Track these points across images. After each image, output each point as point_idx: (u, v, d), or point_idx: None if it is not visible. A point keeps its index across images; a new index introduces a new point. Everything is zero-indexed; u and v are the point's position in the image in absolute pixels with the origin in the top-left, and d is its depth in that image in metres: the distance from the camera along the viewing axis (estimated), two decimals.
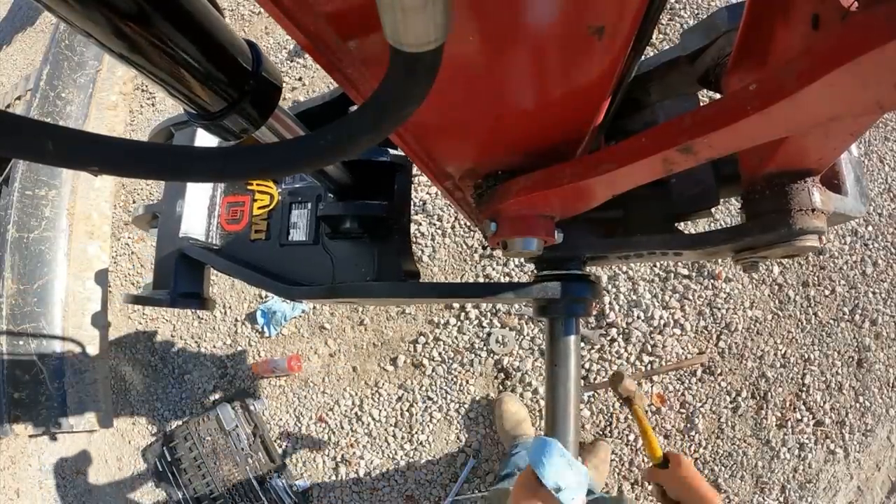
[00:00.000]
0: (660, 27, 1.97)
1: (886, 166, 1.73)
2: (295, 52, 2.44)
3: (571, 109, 0.51)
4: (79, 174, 2.43)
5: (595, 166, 0.50)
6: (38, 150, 0.30)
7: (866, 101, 0.34)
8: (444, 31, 0.27)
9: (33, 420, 2.12)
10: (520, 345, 1.82)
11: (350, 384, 1.97)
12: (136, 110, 2.73)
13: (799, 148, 0.52)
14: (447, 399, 1.84)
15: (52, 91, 2.52)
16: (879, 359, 1.61)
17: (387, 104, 0.32)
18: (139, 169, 0.34)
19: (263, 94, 0.52)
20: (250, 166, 0.36)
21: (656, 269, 1.78)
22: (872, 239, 1.68)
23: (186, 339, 2.23)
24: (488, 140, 0.57)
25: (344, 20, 0.38)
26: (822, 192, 0.56)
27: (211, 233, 1.04)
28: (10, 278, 2.20)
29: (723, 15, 0.61)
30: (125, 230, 2.50)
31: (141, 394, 2.24)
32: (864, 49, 0.29)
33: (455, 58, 0.35)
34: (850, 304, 1.65)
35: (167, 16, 0.39)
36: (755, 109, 0.36)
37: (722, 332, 1.70)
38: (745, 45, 0.55)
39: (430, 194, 2.04)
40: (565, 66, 0.43)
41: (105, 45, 0.38)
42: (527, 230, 0.61)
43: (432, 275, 1.96)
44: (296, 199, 1.02)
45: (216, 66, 0.46)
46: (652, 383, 1.71)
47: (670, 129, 0.44)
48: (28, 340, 2.17)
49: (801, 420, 1.60)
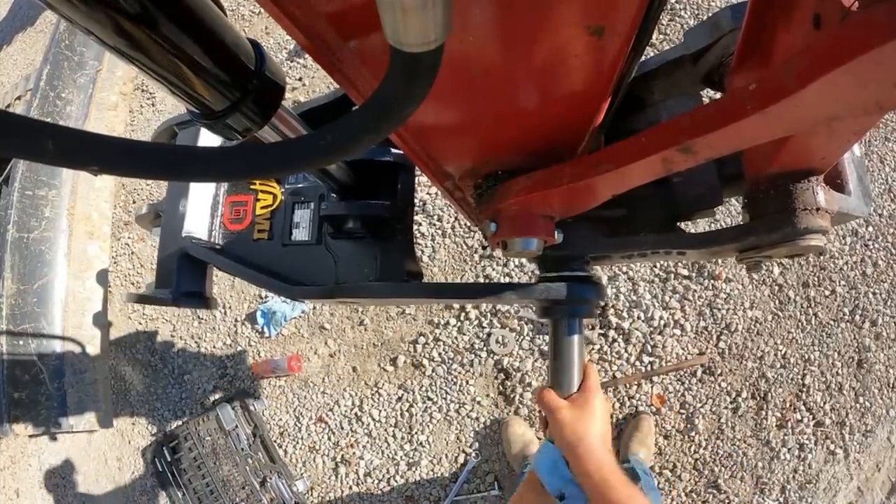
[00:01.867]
0: (660, 27, 1.97)
1: (887, 167, 1.73)
2: (295, 52, 2.44)
3: (571, 110, 0.51)
4: (79, 174, 2.43)
5: (595, 166, 0.50)
6: (38, 150, 0.30)
7: (866, 101, 0.34)
8: (444, 31, 0.27)
9: (33, 420, 2.11)
10: (520, 345, 1.82)
11: (350, 384, 1.97)
12: (136, 110, 2.73)
13: (802, 147, 0.52)
14: (447, 399, 1.84)
15: (52, 91, 2.52)
16: (879, 359, 1.61)
17: (387, 104, 0.32)
18: (139, 169, 0.34)
19: (266, 94, 0.52)
20: (251, 166, 0.36)
21: (656, 269, 1.78)
22: (873, 239, 1.68)
23: (186, 339, 2.23)
24: (488, 140, 0.57)
25: (344, 20, 0.38)
26: (826, 192, 0.56)
27: (214, 232, 1.04)
28: (10, 278, 2.20)
29: (726, 14, 0.61)
30: (125, 230, 2.50)
31: (141, 394, 2.24)
32: (864, 49, 0.29)
33: (455, 58, 0.35)
34: (850, 304, 1.65)
35: (171, 14, 0.39)
36: (755, 109, 0.36)
37: (722, 332, 1.70)
38: (748, 45, 0.55)
39: (430, 194, 2.04)
40: (565, 66, 0.43)
41: (107, 43, 0.38)
42: (527, 230, 0.61)
43: (432, 275, 1.96)
44: (299, 198, 1.02)
45: (219, 65, 0.46)
46: (652, 384, 1.71)
47: (670, 129, 0.44)
48: (28, 340, 2.17)
49: (801, 420, 1.60)
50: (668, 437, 1.67)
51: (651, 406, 1.69)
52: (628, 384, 1.72)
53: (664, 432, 1.67)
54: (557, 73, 0.44)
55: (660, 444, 1.67)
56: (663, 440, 1.67)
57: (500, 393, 1.82)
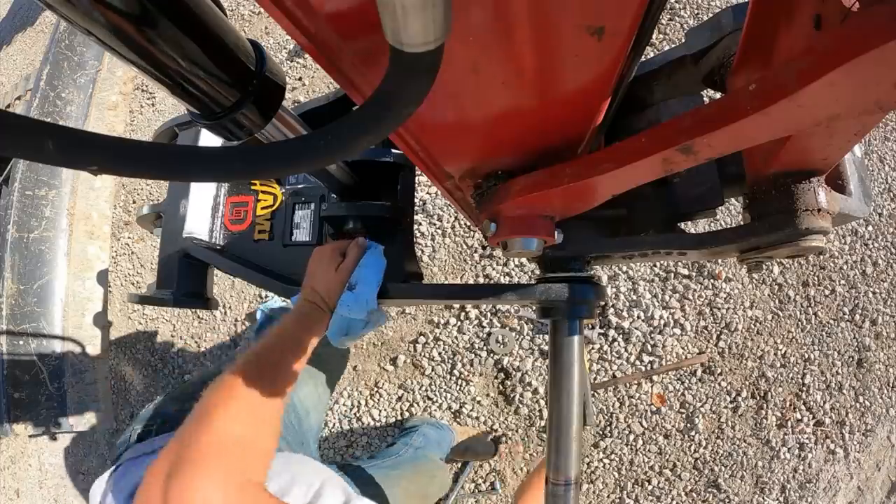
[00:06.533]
0: (660, 27, 1.97)
1: (886, 166, 1.73)
2: (295, 52, 2.44)
3: (571, 110, 0.51)
4: (79, 174, 2.43)
5: (595, 166, 0.50)
6: (38, 150, 0.30)
7: (866, 101, 0.34)
8: (444, 31, 0.27)
9: (33, 420, 2.11)
10: (520, 345, 1.82)
11: (350, 384, 1.97)
12: (136, 110, 2.73)
13: (804, 147, 0.52)
14: (447, 399, 1.84)
15: (52, 91, 2.52)
16: (879, 359, 1.61)
17: (387, 104, 0.32)
18: (139, 168, 0.34)
19: (267, 94, 0.52)
20: (251, 166, 0.36)
21: (656, 269, 1.78)
22: (872, 239, 1.68)
23: (186, 339, 2.23)
24: (488, 140, 0.57)
25: (344, 20, 0.38)
26: (827, 193, 0.56)
27: (214, 233, 1.04)
28: (10, 278, 2.20)
29: (728, 15, 0.61)
30: (125, 230, 2.50)
31: (141, 394, 2.24)
32: (864, 49, 0.29)
33: (455, 58, 0.35)
34: (850, 303, 1.65)
35: (171, 15, 0.39)
36: (755, 109, 0.36)
37: (722, 331, 1.70)
38: (749, 46, 0.55)
39: (430, 194, 2.04)
40: (565, 66, 0.43)
41: (107, 43, 0.38)
42: (527, 230, 0.61)
43: (432, 275, 1.96)
44: (299, 199, 1.02)
45: (220, 66, 0.46)
46: (652, 383, 1.71)
47: (670, 129, 0.43)
48: (28, 340, 2.17)
49: (801, 420, 1.60)
50: (668, 436, 1.67)
51: (651, 405, 1.69)
52: (628, 384, 1.72)
53: (664, 432, 1.68)
54: (557, 74, 0.44)
55: (660, 443, 1.67)
56: (663, 439, 1.67)
57: (500, 393, 1.82)
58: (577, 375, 0.74)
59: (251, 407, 0.60)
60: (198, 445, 0.53)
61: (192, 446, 0.53)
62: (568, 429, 0.74)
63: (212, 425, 0.55)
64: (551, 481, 0.74)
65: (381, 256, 0.85)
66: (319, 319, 0.78)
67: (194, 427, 0.56)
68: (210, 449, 0.53)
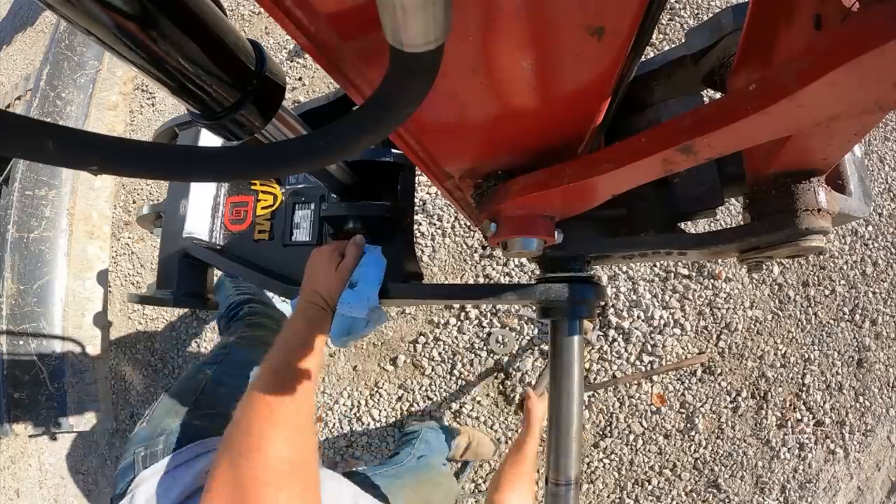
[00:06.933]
0: (660, 27, 1.97)
1: (886, 166, 1.73)
2: (295, 52, 2.44)
3: (571, 110, 0.51)
4: (79, 174, 2.43)
5: (595, 166, 0.50)
6: (38, 150, 0.30)
7: (866, 101, 0.34)
8: (444, 31, 0.27)
9: (33, 420, 2.11)
10: (520, 345, 1.82)
11: (350, 384, 1.97)
12: (137, 110, 2.73)
13: (804, 147, 0.52)
14: (447, 399, 1.84)
15: (52, 91, 2.52)
16: (879, 359, 1.61)
17: (387, 104, 0.32)
18: (139, 168, 0.34)
19: (267, 95, 0.52)
20: (251, 165, 0.36)
21: (656, 269, 1.78)
22: (872, 239, 1.68)
23: (186, 339, 2.23)
24: (488, 140, 0.57)
25: (344, 20, 0.38)
26: (827, 193, 0.56)
27: (214, 233, 1.04)
28: (10, 278, 2.20)
29: (728, 15, 0.61)
30: (125, 230, 2.50)
31: (141, 394, 2.24)
32: (864, 49, 0.29)
33: (455, 58, 0.35)
34: (850, 303, 1.65)
35: (171, 15, 0.39)
36: (755, 109, 0.36)
37: (722, 331, 1.70)
38: (749, 46, 0.55)
39: (430, 194, 2.04)
40: (565, 66, 0.43)
41: (107, 44, 0.38)
42: (527, 230, 0.61)
43: (432, 274, 1.96)
44: (299, 199, 1.02)
45: (220, 66, 0.46)
46: (652, 383, 1.71)
47: (670, 129, 0.43)
48: (28, 340, 2.17)
49: (801, 420, 1.60)
50: (668, 436, 1.67)
51: (651, 405, 1.69)
52: (628, 384, 1.72)
53: (664, 432, 1.68)
54: (557, 74, 0.44)
55: (660, 443, 1.67)
56: (663, 439, 1.67)
57: (500, 392, 1.82)
58: (578, 375, 0.74)
59: (293, 425, 0.61)
60: (254, 476, 0.54)
61: (250, 480, 0.54)
62: (568, 429, 0.74)
63: (264, 452, 0.56)
64: (551, 481, 0.74)
65: (380, 255, 0.85)
66: (323, 319, 0.79)
67: (246, 459, 0.56)
68: (270, 477, 0.54)
